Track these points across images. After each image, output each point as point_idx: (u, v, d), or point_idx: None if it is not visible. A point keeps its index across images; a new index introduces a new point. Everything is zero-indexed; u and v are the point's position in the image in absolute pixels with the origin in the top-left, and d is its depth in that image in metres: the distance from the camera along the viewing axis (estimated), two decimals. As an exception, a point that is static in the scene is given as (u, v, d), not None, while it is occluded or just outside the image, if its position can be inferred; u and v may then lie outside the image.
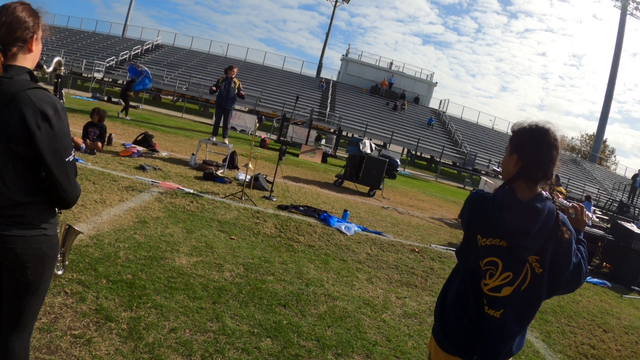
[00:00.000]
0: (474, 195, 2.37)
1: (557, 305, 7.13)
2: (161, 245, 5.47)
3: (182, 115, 30.13)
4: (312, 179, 13.96)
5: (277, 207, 8.70)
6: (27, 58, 2.20)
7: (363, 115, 41.73)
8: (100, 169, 8.70)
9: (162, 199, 7.48)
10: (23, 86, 2.04)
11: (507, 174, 2.32)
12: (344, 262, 6.58)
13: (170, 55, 48.08)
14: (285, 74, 50.22)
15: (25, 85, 2.05)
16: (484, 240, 2.23)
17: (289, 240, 6.94)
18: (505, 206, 2.18)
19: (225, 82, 11.38)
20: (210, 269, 5.15)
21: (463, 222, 2.44)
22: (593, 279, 9.66)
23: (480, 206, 2.28)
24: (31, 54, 2.23)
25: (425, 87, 53.47)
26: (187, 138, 17.01)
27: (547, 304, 7.07)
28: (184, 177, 9.48)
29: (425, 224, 11.15)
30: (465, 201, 2.42)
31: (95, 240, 5.25)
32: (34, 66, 2.29)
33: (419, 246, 8.55)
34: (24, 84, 2.05)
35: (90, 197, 6.78)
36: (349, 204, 11.16)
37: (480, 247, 2.25)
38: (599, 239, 10.89)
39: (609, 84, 56.89)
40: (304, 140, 23.85)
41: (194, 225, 6.53)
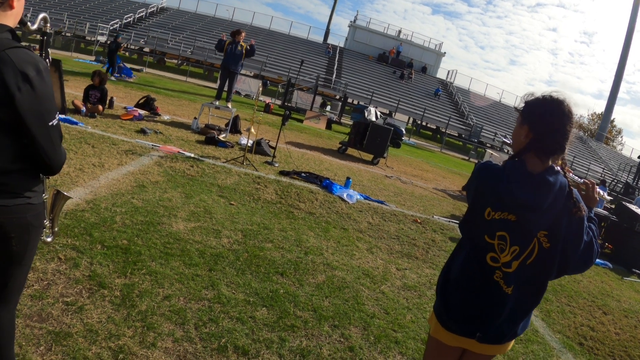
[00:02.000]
0: (482, 166, 2.23)
1: (557, 284, 7.03)
2: (159, 210, 5.37)
3: (187, 79, 29.83)
4: (316, 145, 13.81)
5: (279, 173, 8.58)
6: (8, 15, 2.03)
7: (369, 83, 41.26)
8: (100, 132, 8.56)
9: (162, 162, 7.37)
10: (3, 45, 1.88)
11: (518, 146, 2.17)
12: (344, 231, 6.48)
13: (175, 18, 47.39)
14: (291, 39, 49.52)
15: (5, 45, 1.89)
16: (493, 214, 2.10)
17: (289, 207, 6.84)
18: (515, 179, 2.05)
19: (232, 46, 11.12)
20: (208, 235, 5.05)
21: (469, 194, 2.30)
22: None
23: (490, 178, 2.13)
24: (12, 11, 2.06)
25: (433, 57, 52.69)
26: (190, 102, 16.81)
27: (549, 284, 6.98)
28: (185, 141, 9.35)
29: (429, 195, 11.03)
30: (473, 172, 2.29)
31: (92, 204, 5.14)
32: (16, 24, 2.12)
33: (421, 217, 8.44)
34: (4, 43, 1.89)
35: (89, 160, 6.66)
36: (352, 171, 11.03)
37: (489, 221, 2.12)
38: (603, 219, 10.76)
39: (619, 63, 56.06)
40: (308, 106, 23.60)
41: (193, 190, 6.42)
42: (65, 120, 8.72)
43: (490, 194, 2.11)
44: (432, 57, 52.63)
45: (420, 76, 49.57)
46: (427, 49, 52.71)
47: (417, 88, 45.48)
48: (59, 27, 38.73)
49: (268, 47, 43.46)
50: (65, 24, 39.28)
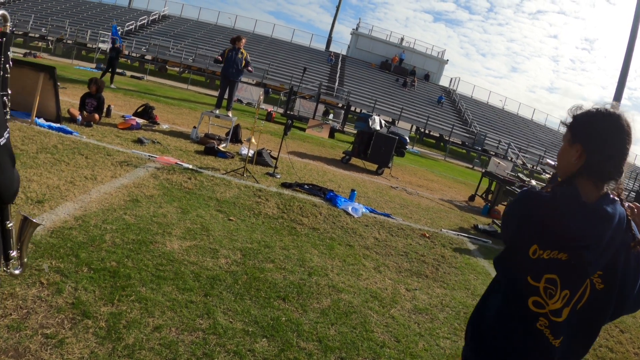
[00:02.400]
0: (527, 195, 1.85)
1: None
2: (152, 228, 5.03)
3: (188, 87, 29.58)
4: (319, 155, 13.48)
5: (281, 185, 8.24)
6: None
7: (372, 91, 40.98)
8: (96, 142, 8.25)
9: (158, 175, 7.03)
10: None
11: (567, 169, 1.81)
12: (350, 248, 6.13)
13: (177, 26, 47.27)
14: (293, 46, 49.35)
15: None
16: (541, 253, 1.73)
17: (291, 222, 6.48)
18: (568, 210, 1.69)
19: (232, 53, 10.79)
20: (204, 255, 4.70)
21: (507, 226, 1.93)
22: None
23: (537, 208, 1.77)
24: None
25: (436, 64, 52.45)
26: (191, 110, 16.51)
27: None
28: (183, 151, 9.02)
29: (435, 206, 10.67)
30: (515, 201, 1.91)
31: (81, 221, 4.80)
32: None
33: (430, 231, 8.08)
34: None
35: (81, 172, 6.33)
36: (356, 182, 10.69)
37: (535, 261, 1.75)
38: None
39: (622, 70, 55.60)
40: (311, 115, 23.27)
41: (190, 204, 6.08)
42: (59, 130, 8.43)
43: (537, 229, 1.75)
44: (434, 64, 52.39)
45: (423, 84, 49.31)
46: (429, 56, 52.47)
47: (420, 96, 45.20)
48: (60, 34, 38.63)
49: (270, 55, 43.27)
50: (67, 31, 39.16)
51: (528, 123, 49.41)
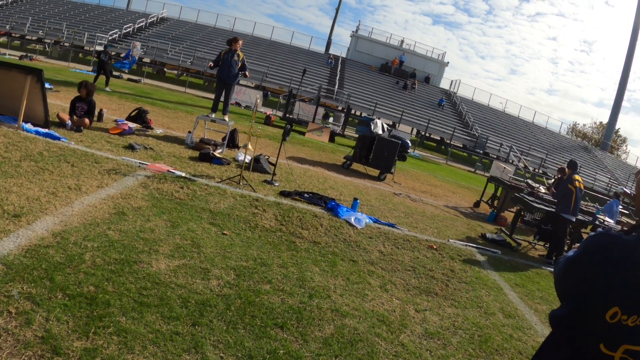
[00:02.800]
0: (604, 241, 1.40)
1: None
2: (137, 245, 4.58)
3: (185, 90, 29.16)
4: (319, 160, 13.03)
5: (279, 194, 7.79)
6: None
7: (372, 94, 40.57)
8: (84, 148, 7.81)
9: (147, 184, 6.58)
10: None
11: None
12: (354, 264, 5.68)
13: (176, 28, 46.88)
14: (293, 49, 48.95)
15: None
16: (624, 318, 1.29)
17: (290, 236, 6.03)
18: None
19: (229, 55, 10.33)
20: (194, 275, 4.26)
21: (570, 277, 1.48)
22: None
23: (622, 261, 1.32)
24: None
25: (436, 67, 52.05)
26: (187, 114, 16.07)
27: None
28: (177, 158, 8.58)
29: (440, 214, 10.24)
30: (585, 247, 1.45)
31: (60, 238, 4.37)
32: None
33: (437, 242, 7.65)
34: None
35: (65, 182, 5.89)
36: (358, 189, 10.26)
37: (614, 326, 1.31)
38: None
39: (623, 72, 55.42)
40: (311, 118, 22.84)
41: (180, 217, 5.63)
42: (47, 135, 8.01)
43: (621, 287, 1.31)
44: (435, 67, 52.00)
45: (424, 86, 48.91)
46: (430, 58, 52.09)
47: (420, 98, 44.79)
48: (58, 37, 38.23)
49: (269, 57, 42.88)
50: (64, 33, 38.77)
51: (529, 126, 49.02)
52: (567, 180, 8.86)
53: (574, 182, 8.70)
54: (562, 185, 8.91)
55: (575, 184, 8.68)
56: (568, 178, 8.86)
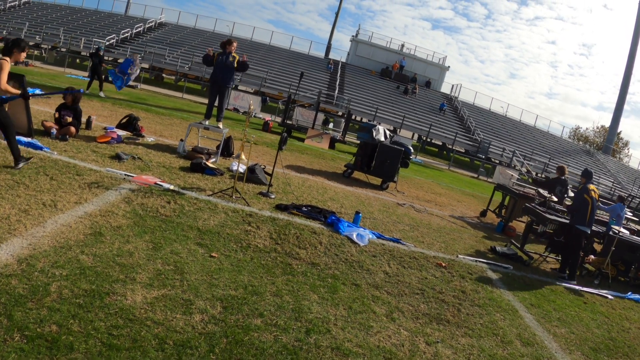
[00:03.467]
0: None
1: (607, 337, 5.87)
2: (112, 272, 4.05)
3: (183, 95, 28.66)
4: (318, 169, 12.49)
5: (275, 208, 7.25)
6: None
7: (373, 99, 40.06)
8: (67, 159, 7.28)
9: (131, 198, 6.05)
10: None
11: None
12: (356, 288, 5.13)
13: (174, 33, 46.42)
14: (292, 54, 48.46)
15: None
16: None
17: (286, 257, 5.48)
18: None
19: (223, 57, 9.78)
20: (174, 309, 3.72)
21: None
22: (634, 294, 8.32)
23: None
24: None
25: (437, 71, 51.52)
26: (182, 120, 15.53)
27: (598, 336, 5.81)
28: (166, 168, 8.04)
29: (447, 225, 9.70)
30: None
31: (26, 264, 3.85)
32: None
33: (445, 258, 7.12)
34: None
35: (40, 198, 5.36)
36: (360, 200, 9.72)
37: None
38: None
39: (625, 75, 55.02)
40: (310, 124, 22.31)
41: (164, 237, 5.09)
42: (28, 145, 7.48)
43: None
44: (435, 71, 51.47)
45: (425, 91, 48.40)
46: (430, 63, 51.56)
47: (421, 103, 44.28)
48: (54, 42, 37.79)
49: (268, 62, 42.41)
50: (61, 39, 38.34)
51: (531, 130, 48.54)
52: (582, 190, 8.32)
53: (590, 192, 8.17)
54: (577, 196, 8.36)
55: (590, 194, 8.16)
56: (583, 188, 8.32)
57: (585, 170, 8.70)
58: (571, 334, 5.66)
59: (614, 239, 8.81)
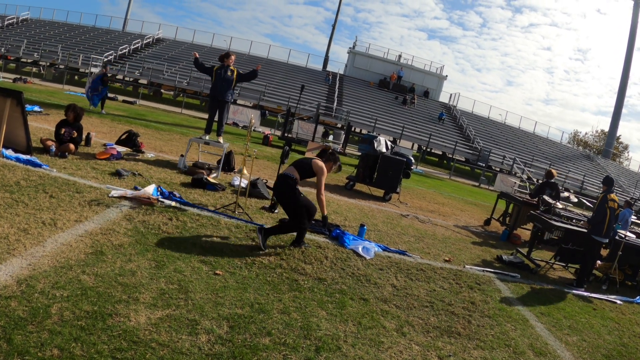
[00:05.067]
0: None
1: (619, 343, 5.79)
2: (115, 292, 3.93)
3: (182, 110, 28.64)
4: (320, 182, 12.39)
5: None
6: None
7: (372, 110, 40.10)
8: (67, 176, 7.18)
9: (132, 216, 5.95)
10: None
11: None
12: (365, 303, 5.01)
13: (172, 49, 46.59)
14: (290, 67, 48.60)
15: None
16: None
17: (292, 272, 5.36)
18: None
19: (222, 71, 9.70)
20: (180, 329, 3.60)
21: None
22: None
23: None
24: None
25: (435, 81, 51.65)
26: (182, 136, 15.46)
27: (610, 343, 5.73)
28: (167, 184, 7.93)
29: (452, 235, 9.60)
30: None
31: (25, 285, 3.73)
32: None
33: (452, 269, 7.01)
34: None
35: (39, 216, 5.26)
36: (363, 212, 9.61)
37: None
38: None
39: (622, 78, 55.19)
40: (310, 137, 22.29)
41: (167, 255, 4.98)
42: (27, 162, 7.39)
43: None
44: (433, 80, 51.60)
45: (423, 101, 48.49)
46: (428, 72, 51.71)
47: (420, 113, 44.34)
48: (53, 59, 37.90)
49: (267, 76, 42.49)
50: (59, 55, 38.45)
51: (531, 136, 48.61)
52: (602, 200, 8.16)
53: (609, 202, 8.04)
54: (599, 207, 8.19)
55: (609, 204, 8.02)
56: (604, 198, 8.17)
57: (606, 178, 8.55)
58: (583, 341, 5.55)
59: (620, 243, 8.70)
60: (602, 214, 8.03)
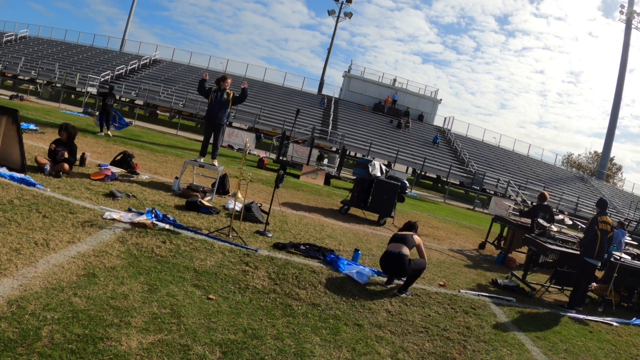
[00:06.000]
0: None
1: None
2: (106, 316, 3.88)
3: (177, 132, 28.67)
4: (315, 206, 12.38)
5: (273, 247, 7.10)
6: None
7: (366, 134, 40.27)
8: (60, 196, 7.14)
9: (125, 238, 5.90)
10: None
11: None
12: (359, 329, 4.96)
13: (168, 70, 46.85)
14: (285, 90, 48.87)
15: None
16: None
17: (286, 297, 5.32)
18: None
19: (218, 94, 9.73)
20: (172, 355, 3.55)
21: None
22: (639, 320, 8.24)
23: None
24: None
25: (429, 104, 52.00)
26: (177, 158, 15.45)
27: None
28: (162, 207, 7.89)
29: (447, 259, 9.58)
30: None
31: (16, 306, 3.68)
32: None
33: (447, 294, 6.97)
34: None
35: (32, 237, 5.21)
36: (358, 237, 9.59)
37: None
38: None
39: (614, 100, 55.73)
40: (305, 160, 22.32)
41: (160, 278, 4.93)
42: (21, 181, 7.34)
43: None
44: (428, 104, 51.95)
45: (418, 124, 48.74)
46: (422, 96, 52.07)
47: (415, 137, 44.54)
48: (50, 77, 38.01)
49: (262, 98, 42.73)
50: (56, 74, 38.58)
51: (525, 159, 48.90)
52: (592, 222, 8.20)
53: (599, 224, 8.06)
54: (589, 229, 8.23)
55: (600, 227, 8.04)
56: (594, 220, 8.20)
57: (600, 200, 8.59)
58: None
59: (615, 265, 8.69)
60: (592, 235, 8.05)
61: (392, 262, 6.53)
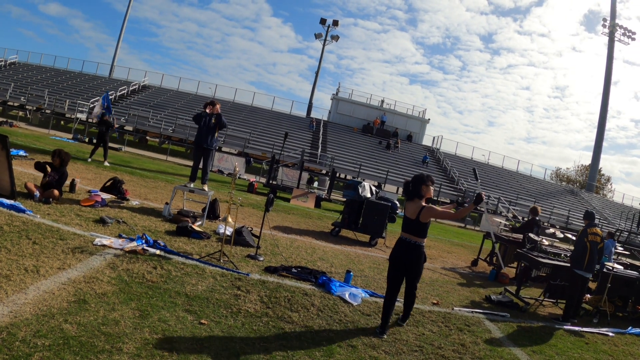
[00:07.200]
0: None
1: None
2: (97, 342, 3.85)
3: (167, 158, 28.63)
4: (306, 228, 12.36)
5: (264, 270, 7.07)
6: None
7: (356, 155, 40.44)
8: (50, 222, 7.11)
9: (116, 264, 5.87)
10: None
11: None
12: (353, 350, 4.94)
13: (157, 96, 46.96)
14: (274, 114, 49.12)
15: None
16: None
17: (278, 321, 5.29)
18: None
19: (206, 119, 9.78)
20: (164, 381, 3.52)
21: None
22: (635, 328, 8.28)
23: None
24: None
25: (417, 124, 52.49)
26: (167, 183, 15.41)
27: None
28: (152, 232, 7.86)
29: (439, 278, 9.59)
30: None
31: (6, 333, 3.65)
32: None
33: (441, 312, 6.97)
34: None
35: (22, 263, 5.18)
36: (349, 258, 9.58)
37: None
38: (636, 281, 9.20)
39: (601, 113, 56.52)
40: (295, 184, 22.35)
41: (151, 304, 4.90)
42: (11, 207, 7.31)
43: None
44: (416, 124, 52.43)
45: (407, 145, 49.07)
46: (411, 116, 52.59)
47: (404, 157, 44.80)
48: (39, 103, 37.96)
49: (251, 122, 42.91)
50: (46, 100, 38.56)
51: (514, 175, 49.33)
52: (582, 234, 8.27)
53: (588, 235, 8.13)
54: (578, 241, 8.30)
55: (589, 238, 8.10)
56: (583, 232, 8.28)
57: (587, 213, 8.67)
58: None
59: (608, 275, 8.73)
60: (581, 247, 8.11)
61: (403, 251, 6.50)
